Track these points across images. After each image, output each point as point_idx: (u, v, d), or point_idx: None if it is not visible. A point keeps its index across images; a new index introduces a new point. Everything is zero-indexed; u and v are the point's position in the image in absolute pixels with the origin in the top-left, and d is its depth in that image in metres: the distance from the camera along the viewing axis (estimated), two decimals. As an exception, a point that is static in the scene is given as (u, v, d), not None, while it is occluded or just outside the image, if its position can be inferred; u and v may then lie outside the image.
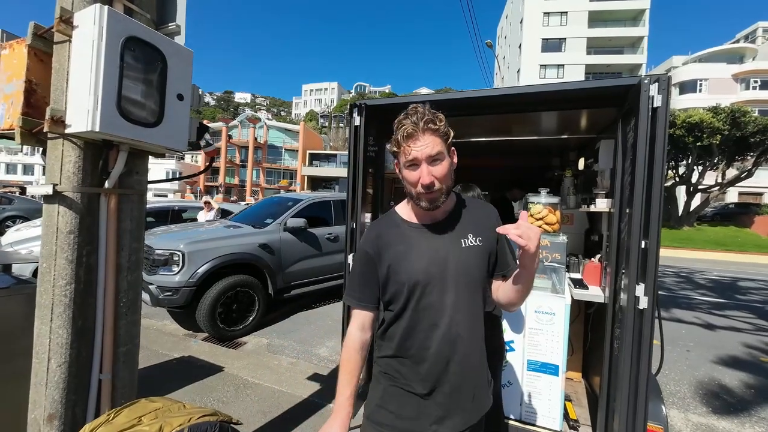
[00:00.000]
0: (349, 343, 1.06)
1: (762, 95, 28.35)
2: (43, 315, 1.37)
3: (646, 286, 1.56)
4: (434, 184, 0.95)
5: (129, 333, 1.58)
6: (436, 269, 0.99)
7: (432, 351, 0.99)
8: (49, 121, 1.28)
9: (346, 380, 1.03)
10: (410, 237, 1.04)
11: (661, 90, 1.56)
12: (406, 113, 0.97)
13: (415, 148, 0.93)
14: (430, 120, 0.94)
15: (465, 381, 1.01)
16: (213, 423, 1.26)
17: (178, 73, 1.50)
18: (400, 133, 0.95)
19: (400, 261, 1.01)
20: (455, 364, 0.99)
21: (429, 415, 0.99)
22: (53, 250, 1.35)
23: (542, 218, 2.22)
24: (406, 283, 0.99)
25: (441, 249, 1.01)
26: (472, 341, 1.02)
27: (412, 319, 1.01)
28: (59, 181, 1.35)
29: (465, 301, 1.01)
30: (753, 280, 9.58)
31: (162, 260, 3.84)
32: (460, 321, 1.00)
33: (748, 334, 5.00)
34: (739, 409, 3.06)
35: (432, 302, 0.99)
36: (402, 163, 0.98)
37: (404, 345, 1.02)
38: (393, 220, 1.09)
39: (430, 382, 0.99)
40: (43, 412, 1.36)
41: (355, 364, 1.04)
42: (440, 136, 0.95)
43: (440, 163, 0.96)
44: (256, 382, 3.03)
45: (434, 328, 0.99)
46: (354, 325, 1.07)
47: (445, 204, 1.03)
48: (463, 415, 1.01)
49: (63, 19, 1.28)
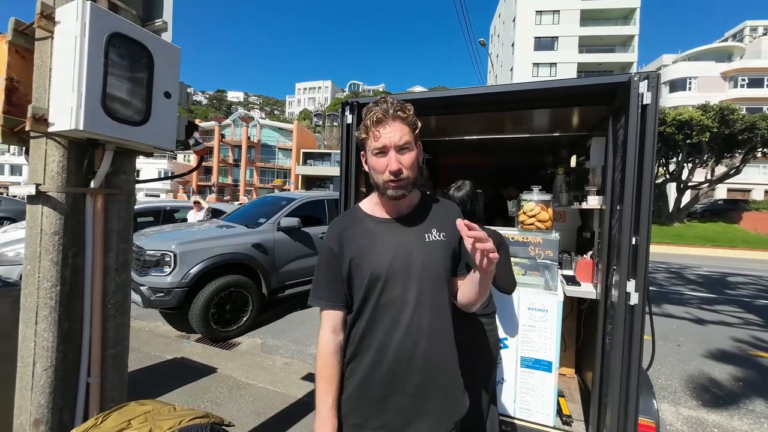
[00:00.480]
0: (322, 349, 1.00)
1: (749, 93, 28.83)
2: (28, 318, 1.33)
3: (637, 282, 1.58)
4: (402, 171, 0.93)
5: (118, 335, 1.55)
6: (400, 263, 0.97)
7: (392, 349, 0.95)
8: (31, 119, 1.25)
9: (325, 389, 0.97)
10: (374, 231, 1.01)
11: (651, 87, 1.57)
12: (376, 102, 0.97)
13: (384, 134, 0.93)
14: (400, 108, 0.94)
15: (429, 380, 0.97)
16: (204, 425, 1.24)
17: (165, 71, 1.47)
18: (369, 118, 0.95)
19: (364, 255, 0.98)
20: (418, 362, 0.95)
21: (391, 422, 0.95)
22: (37, 252, 1.32)
23: (535, 215, 2.22)
24: (367, 276, 0.96)
25: (406, 243, 0.99)
26: (436, 338, 0.98)
27: (373, 316, 0.97)
28: (43, 181, 1.32)
29: (429, 297, 0.97)
30: (742, 275, 9.76)
31: (153, 261, 3.79)
32: (423, 316, 0.96)
33: (737, 329, 5.09)
34: (729, 402, 3.11)
35: (394, 297, 0.96)
36: (370, 150, 0.97)
37: (364, 343, 0.98)
38: (356, 215, 1.07)
39: (392, 384, 0.95)
40: (29, 417, 1.33)
41: (332, 369, 0.99)
42: (408, 125, 0.95)
43: (408, 152, 0.95)
44: (250, 382, 3.01)
45: (395, 324, 0.95)
46: (326, 329, 1.01)
47: (410, 198, 1.02)
48: (431, 418, 0.96)
49: (44, 15, 1.25)
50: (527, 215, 2.25)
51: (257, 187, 42.35)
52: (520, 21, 34.44)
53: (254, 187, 42.59)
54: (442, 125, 3.02)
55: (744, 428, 2.74)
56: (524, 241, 2.24)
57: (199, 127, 1.86)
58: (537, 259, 2.21)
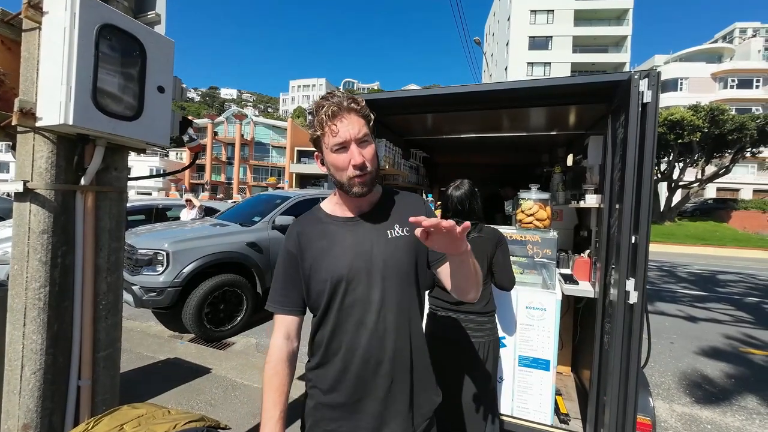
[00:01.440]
0: (273, 356, 0.95)
1: (739, 94, 29.30)
2: (16, 320, 1.29)
3: (636, 280, 1.57)
4: (366, 165, 0.89)
5: (109, 337, 1.51)
6: (361, 263, 0.93)
7: (360, 352, 0.92)
8: (17, 113, 1.20)
9: (273, 400, 0.91)
10: (333, 232, 0.97)
11: (651, 86, 1.56)
12: (323, 97, 0.91)
13: (342, 127, 0.87)
14: (352, 100, 0.89)
15: (398, 382, 0.94)
16: (200, 429, 1.21)
17: (158, 64, 1.43)
18: (322, 113, 0.88)
19: (323, 257, 0.95)
20: (386, 364, 0.92)
21: (362, 428, 0.92)
22: (25, 251, 1.27)
23: (533, 214, 2.22)
24: (328, 280, 0.92)
25: (365, 242, 0.95)
26: (404, 337, 0.95)
27: (338, 319, 0.93)
28: (31, 177, 1.27)
29: (394, 296, 0.94)
30: (732, 272, 9.92)
31: (146, 260, 3.72)
32: (389, 317, 0.93)
33: (728, 326, 5.16)
34: (721, 399, 3.15)
35: (357, 298, 0.92)
36: (329, 147, 0.90)
37: (329, 349, 0.95)
38: (316, 216, 1.03)
39: (362, 387, 0.92)
40: (17, 422, 1.29)
41: (282, 378, 0.94)
42: (363, 118, 0.91)
43: (368, 145, 0.91)
44: (245, 383, 2.97)
45: (361, 327, 0.92)
46: (277, 335, 0.98)
47: (372, 195, 0.97)
48: (402, 419, 0.94)
49: (32, 5, 1.21)
50: (525, 214, 2.24)
51: (251, 185, 42.03)
52: (514, 20, 34.56)
53: (248, 185, 42.25)
54: (439, 123, 3.01)
55: (737, 424, 2.77)
56: (522, 239, 2.23)
57: (194, 123, 1.82)
58: (535, 257, 2.21)
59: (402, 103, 2.31)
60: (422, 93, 2.19)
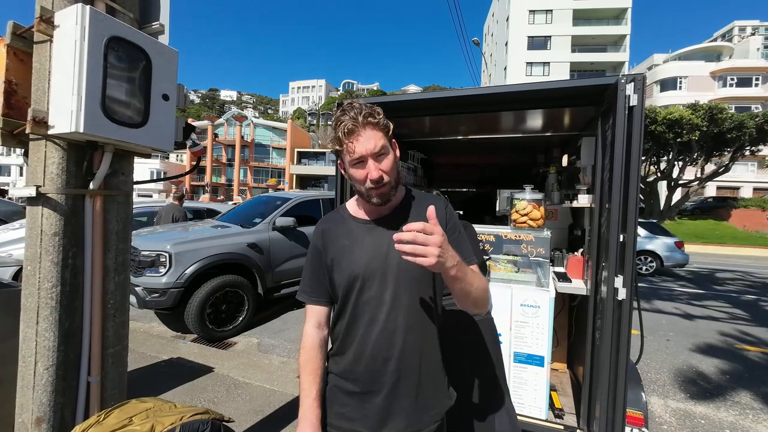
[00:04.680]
0: (306, 343, 1.03)
1: (738, 92, 29.32)
2: (29, 318, 1.35)
3: (624, 277, 1.63)
4: (383, 178, 0.93)
5: (117, 334, 1.57)
6: (377, 264, 0.98)
7: (370, 347, 0.97)
8: (31, 122, 1.27)
9: (309, 381, 1.00)
10: (355, 232, 1.03)
11: (637, 89, 1.62)
12: (343, 109, 0.93)
13: (358, 144, 0.91)
14: (369, 114, 0.91)
15: (404, 380, 0.97)
16: (205, 421, 1.27)
17: (162, 73, 1.49)
18: (340, 130, 0.92)
19: (343, 255, 1.01)
20: (393, 362, 0.96)
21: (369, 417, 0.97)
22: (38, 253, 1.33)
23: (527, 214, 2.27)
24: (347, 277, 0.99)
25: (383, 244, 0.99)
26: (414, 338, 0.98)
27: (353, 315, 1.00)
28: (43, 182, 1.33)
29: (406, 297, 0.98)
30: (730, 271, 9.96)
31: (148, 261, 3.78)
32: (399, 317, 0.97)
33: (723, 323, 5.21)
34: (715, 395, 3.20)
35: (371, 297, 0.98)
36: (348, 163, 0.95)
37: (345, 341, 1.02)
38: (341, 215, 1.09)
39: (370, 380, 0.98)
40: (30, 416, 1.35)
41: (316, 363, 1.02)
42: (381, 130, 0.93)
43: (386, 157, 0.94)
44: (247, 381, 3.03)
45: (373, 323, 0.97)
46: (309, 323, 1.06)
47: (393, 198, 1.01)
48: (406, 417, 0.97)
49: (43, 19, 1.26)
50: (520, 214, 2.30)
51: (251, 187, 42.07)
52: (513, 20, 34.62)
53: (248, 186, 42.31)
54: (437, 125, 3.06)
55: (730, 419, 2.82)
56: (517, 239, 2.29)
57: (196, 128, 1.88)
58: (529, 256, 2.26)
59: (401, 106, 2.36)
60: (421, 96, 2.25)
